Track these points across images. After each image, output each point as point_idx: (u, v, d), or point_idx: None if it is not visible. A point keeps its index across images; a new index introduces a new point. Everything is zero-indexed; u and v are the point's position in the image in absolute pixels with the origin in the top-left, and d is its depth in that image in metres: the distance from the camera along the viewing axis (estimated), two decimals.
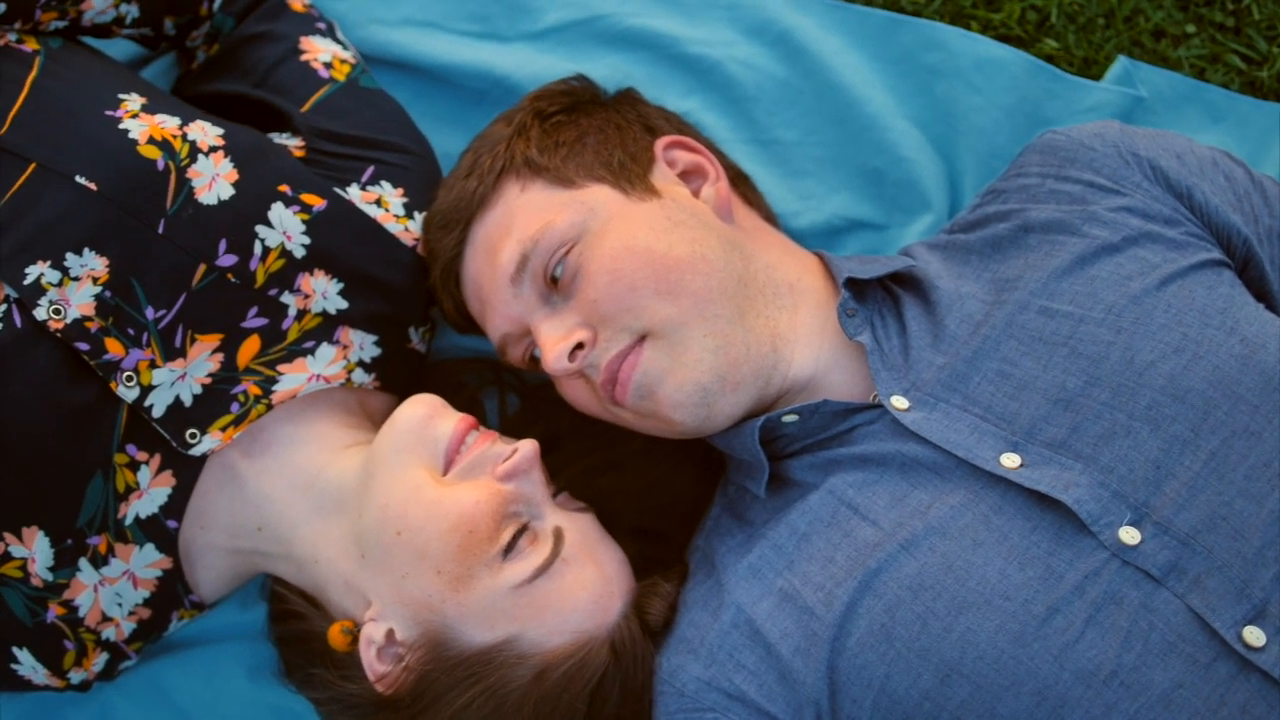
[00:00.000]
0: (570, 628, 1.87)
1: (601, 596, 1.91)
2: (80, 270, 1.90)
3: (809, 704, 1.76)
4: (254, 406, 2.00)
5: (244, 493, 2.02)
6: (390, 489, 1.88)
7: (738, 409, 1.91)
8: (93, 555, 1.95)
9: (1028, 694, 1.62)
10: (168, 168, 1.96)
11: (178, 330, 1.97)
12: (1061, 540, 1.70)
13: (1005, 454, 1.78)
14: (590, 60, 2.51)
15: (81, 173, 1.93)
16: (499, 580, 1.85)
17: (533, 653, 1.86)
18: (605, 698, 1.89)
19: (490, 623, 1.86)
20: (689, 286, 1.88)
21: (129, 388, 1.93)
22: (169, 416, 1.96)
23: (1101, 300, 1.86)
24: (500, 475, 1.89)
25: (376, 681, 1.89)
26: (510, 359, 2.09)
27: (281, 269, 2.03)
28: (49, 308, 1.88)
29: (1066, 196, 2.00)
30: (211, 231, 1.98)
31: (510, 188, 2.03)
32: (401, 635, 1.88)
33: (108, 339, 1.91)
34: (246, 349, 2.02)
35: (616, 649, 1.90)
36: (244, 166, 2.03)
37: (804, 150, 2.50)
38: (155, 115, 2.03)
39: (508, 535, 1.86)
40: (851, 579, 1.76)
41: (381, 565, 1.88)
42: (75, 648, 2.00)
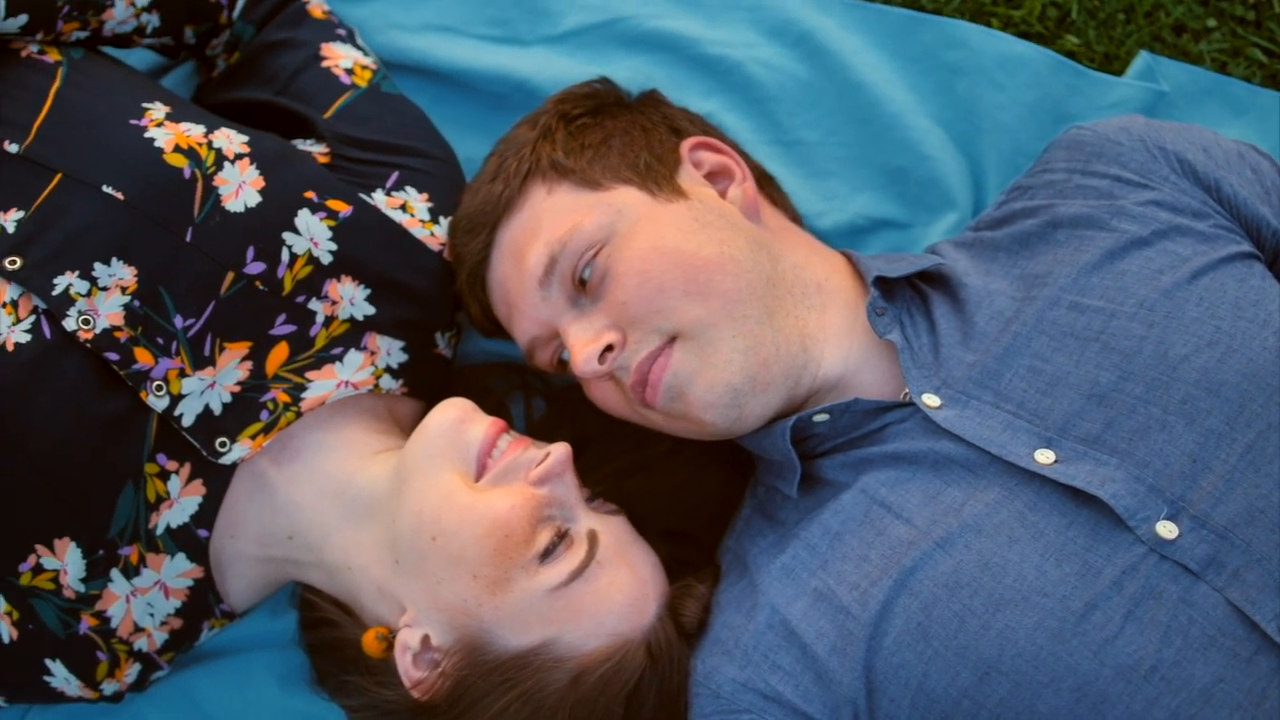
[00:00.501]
0: (606, 631, 1.87)
1: (637, 599, 1.91)
2: (109, 280, 1.90)
3: (846, 704, 1.76)
4: (283, 414, 2.00)
5: (274, 501, 2.01)
6: (423, 495, 1.87)
7: (768, 409, 1.91)
8: (124, 566, 1.94)
9: (1067, 690, 1.61)
10: (194, 176, 1.96)
11: (207, 339, 1.97)
12: (1098, 536, 1.69)
13: (1039, 450, 1.77)
14: (611, 63, 2.50)
15: (108, 182, 1.93)
16: (535, 584, 1.85)
17: (569, 656, 1.85)
18: (642, 701, 1.89)
19: (526, 626, 1.85)
20: (718, 287, 1.88)
21: (159, 397, 1.92)
22: (199, 425, 1.96)
23: (1133, 294, 1.85)
24: (534, 480, 1.89)
25: (412, 688, 1.88)
26: (538, 363, 2.09)
27: (309, 275, 2.03)
28: (78, 318, 1.88)
29: (1094, 191, 1.99)
30: (239, 239, 1.98)
31: (536, 190, 2.03)
32: (437, 641, 1.88)
33: (137, 348, 1.91)
34: (275, 356, 2.02)
35: (653, 651, 1.89)
36: (270, 173, 2.03)
37: (826, 150, 2.50)
38: (180, 123, 2.03)
39: (544, 539, 1.86)
40: (887, 577, 1.76)
41: (416, 571, 1.88)
42: (108, 659, 1.99)
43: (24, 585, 1.92)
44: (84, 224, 1.91)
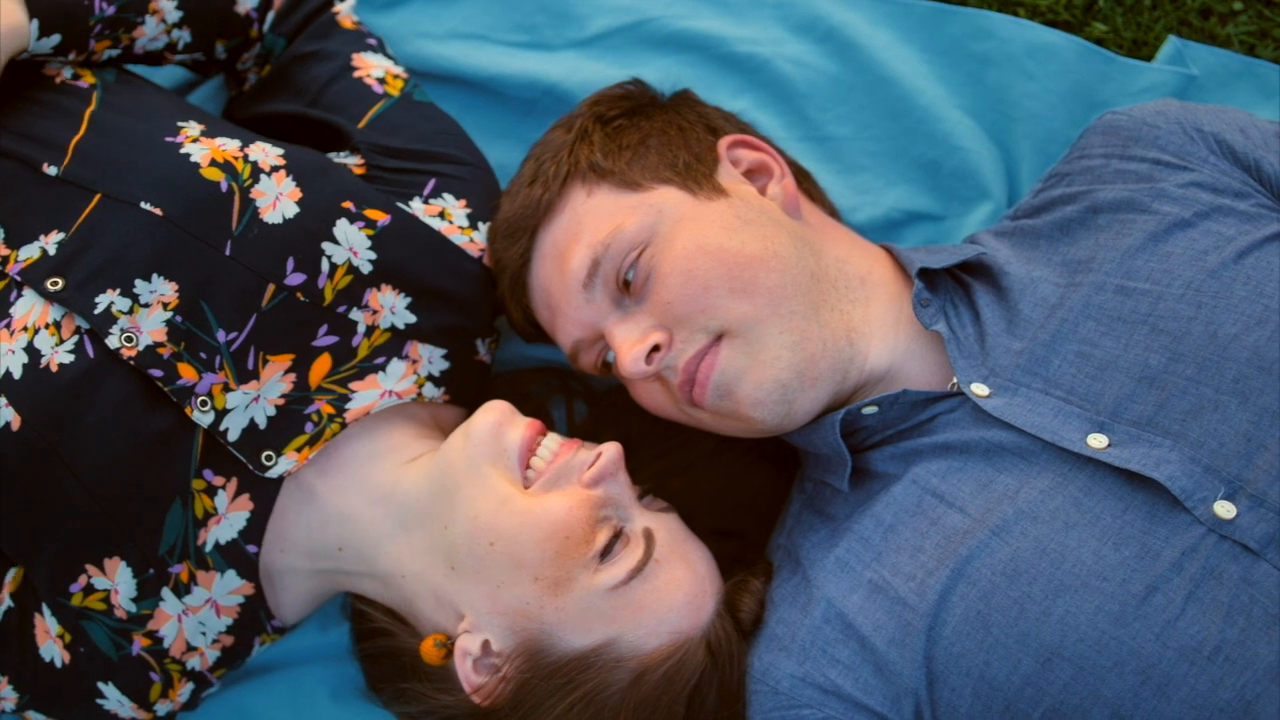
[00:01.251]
0: (667, 629, 1.87)
1: (695, 596, 1.91)
2: (150, 296, 1.91)
3: (907, 695, 1.76)
4: (328, 425, 2.00)
5: (323, 512, 2.01)
6: (477, 502, 1.87)
7: (816, 404, 1.91)
8: (175, 584, 1.95)
9: (1131, 673, 1.61)
10: (231, 189, 1.97)
11: (250, 352, 1.97)
12: (1155, 518, 1.69)
13: (1092, 434, 1.77)
14: (639, 64, 2.51)
15: (146, 199, 1.93)
16: (596, 583, 1.85)
17: (630, 656, 1.86)
18: (703, 699, 1.89)
19: (587, 627, 1.85)
20: (763, 284, 1.88)
21: (204, 412, 1.93)
22: (244, 439, 1.96)
23: (1179, 276, 1.85)
24: (588, 481, 1.89)
25: (473, 693, 1.88)
26: (582, 365, 2.09)
27: (349, 285, 2.03)
28: (121, 335, 1.88)
29: (1133, 175, 1.99)
30: (278, 250, 1.98)
31: (576, 193, 2.03)
32: (498, 646, 1.88)
33: (180, 364, 1.92)
34: (318, 368, 2.02)
35: (713, 648, 1.90)
36: (306, 184, 2.03)
37: (858, 145, 2.50)
38: (215, 139, 2.04)
39: (603, 538, 1.86)
40: (943, 567, 1.76)
41: (474, 576, 1.87)
42: (161, 679, 1.99)
43: (75, 606, 1.93)
44: (123, 241, 1.92)
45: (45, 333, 1.89)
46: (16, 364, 1.88)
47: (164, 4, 2.17)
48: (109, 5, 2.08)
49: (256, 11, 2.34)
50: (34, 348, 1.89)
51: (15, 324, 1.91)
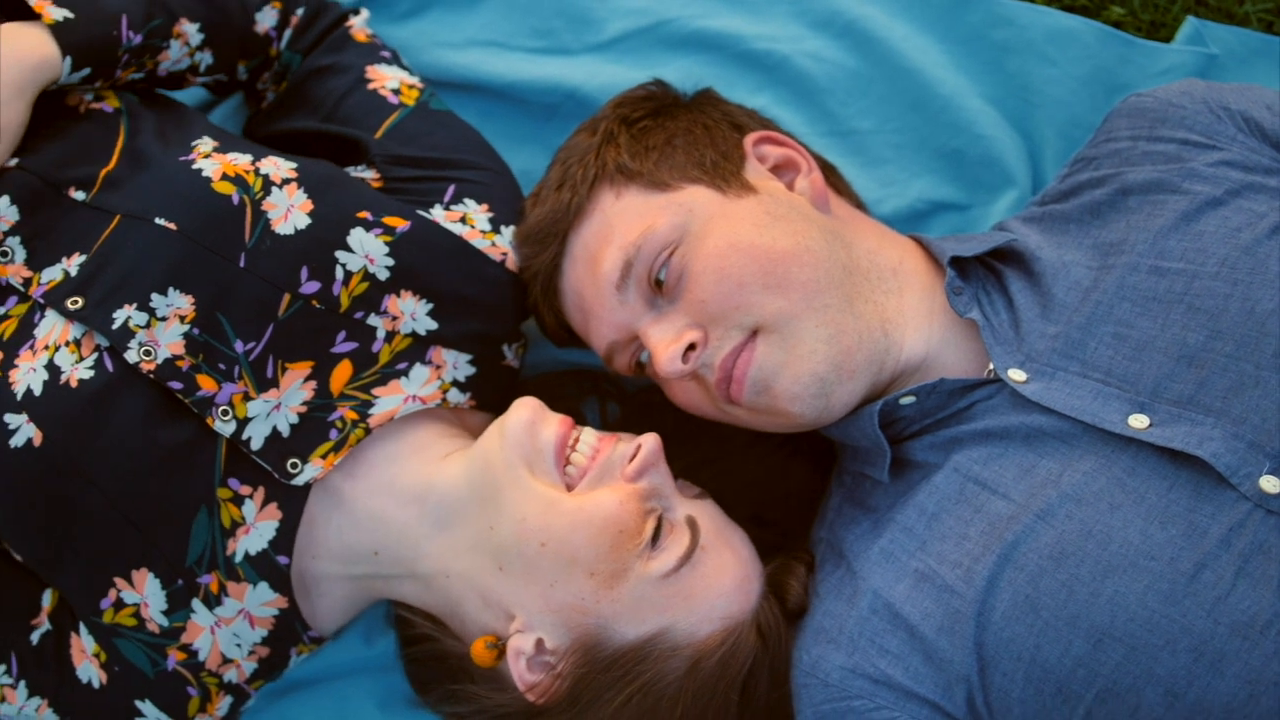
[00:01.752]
0: (718, 614, 1.88)
1: (743, 580, 1.92)
2: (166, 310, 1.92)
3: (958, 682, 1.76)
4: (352, 431, 2.00)
5: (354, 517, 2.01)
6: (523, 504, 1.87)
7: (854, 396, 1.92)
8: (205, 595, 1.95)
9: (1184, 651, 1.61)
10: (243, 202, 1.98)
11: (268, 361, 1.98)
12: (1201, 495, 1.69)
13: (1133, 415, 1.77)
14: (658, 66, 2.51)
15: (160, 215, 1.96)
16: (649, 570, 1.85)
17: (685, 643, 1.86)
18: (756, 684, 1.90)
19: (642, 617, 1.86)
20: (796, 278, 1.89)
21: (225, 422, 1.94)
22: (268, 448, 1.97)
23: (1213, 254, 1.85)
24: (631, 475, 1.90)
25: (527, 691, 1.89)
26: (617, 367, 2.09)
27: (366, 291, 2.04)
28: (139, 349, 1.90)
29: (1162, 156, 1.99)
30: (292, 260, 1.99)
31: (605, 195, 2.03)
32: (552, 643, 1.88)
33: (200, 375, 1.93)
34: (339, 375, 2.02)
35: (763, 631, 1.91)
36: (318, 196, 2.05)
37: (881, 138, 2.51)
38: (227, 154, 2.06)
39: (651, 527, 1.87)
40: (990, 553, 1.76)
41: (525, 576, 1.88)
42: (199, 694, 1.99)
43: (107, 624, 1.94)
44: (139, 257, 1.94)
45: (65, 350, 1.91)
46: (37, 381, 1.89)
47: (187, 27, 2.19)
48: (136, 34, 2.10)
49: (275, 30, 2.36)
50: (54, 365, 1.90)
51: (38, 344, 1.93)
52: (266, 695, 2.27)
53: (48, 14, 2.02)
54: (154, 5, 2.14)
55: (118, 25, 2.08)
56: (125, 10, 2.10)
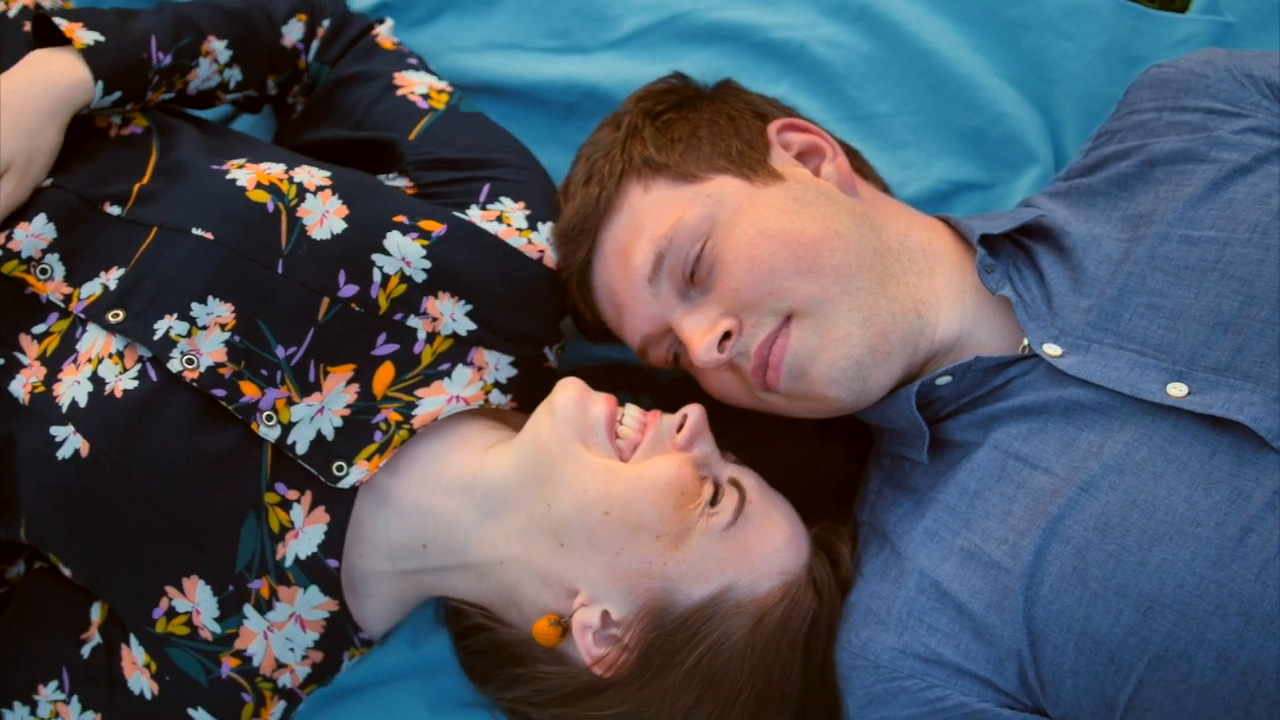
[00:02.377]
0: (776, 569, 1.91)
1: (793, 535, 1.96)
2: (207, 318, 1.94)
3: (1010, 657, 1.76)
4: (396, 433, 2.01)
5: (401, 512, 2.02)
6: (581, 476, 1.89)
7: (890, 378, 1.93)
8: (256, 601, 1.96)
9: (1234, 615, 1.61)
10: (278, 209, 2.00)
11: (310, 365, 2.00)
12: (1243, 460, 1.69)
13: (1171, 384, 1.77)
14: (675, 59, 2.51)
15: (197, 225, 1.97)
16: (710, 526, 1.88)
17: (748, 600, 1.89)
18: (816, 639, 1.93)
19: (706, 575, 1.88)
20: (828, 263, 1.89)
21: (270, 427, 1.95)
22: (313, 452, 1.98)
23: (1244, 221, 1.85)
24: (683, 444, 1.92)
25: (594, 665, 1.90)
26: (652, 360, 2.11)
27: (404, 294, 2.05)
28: (182, 359, 1.92)
29: (1187, 126, 2.00)
30: (329, 264, 2.01)
31: (633, 189, 2.05)
32: (619, 614, 1.89)
33: (243, 382, 1.95)
34: (381, 377, 2.04)
35: (818, 586, 1.94)
36: (353, 202, 2.06)
37: (900, 120, 2.52)
38: (261, 164, 2.08)
39: (709, 490, 1.89)
40: (1035, 528, 1.76)
41: (588, 548, 1.89)
42: (253, 699, 2.01)
43: (159, 634, 1.95)
44: (178, 268, 1.95)
45: (109, 362, 1.93)
46: (82, 393, 1.91)
47: (215, 45, 2.21)
48: (165, 55, 2.12)
49: (302, 43, 2.37)
50: (98, 377, 1.92)
51: (81, 358, 1.95)
52: (316, 702, 2.28)
53: (79, 38, 2.04)
54: (182, 24, 2.16)
55: (147, 47, 2.10)
56: (154, 31, 2.12)
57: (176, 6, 2.20)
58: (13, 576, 2.16)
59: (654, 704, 1.89)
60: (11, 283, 2.00)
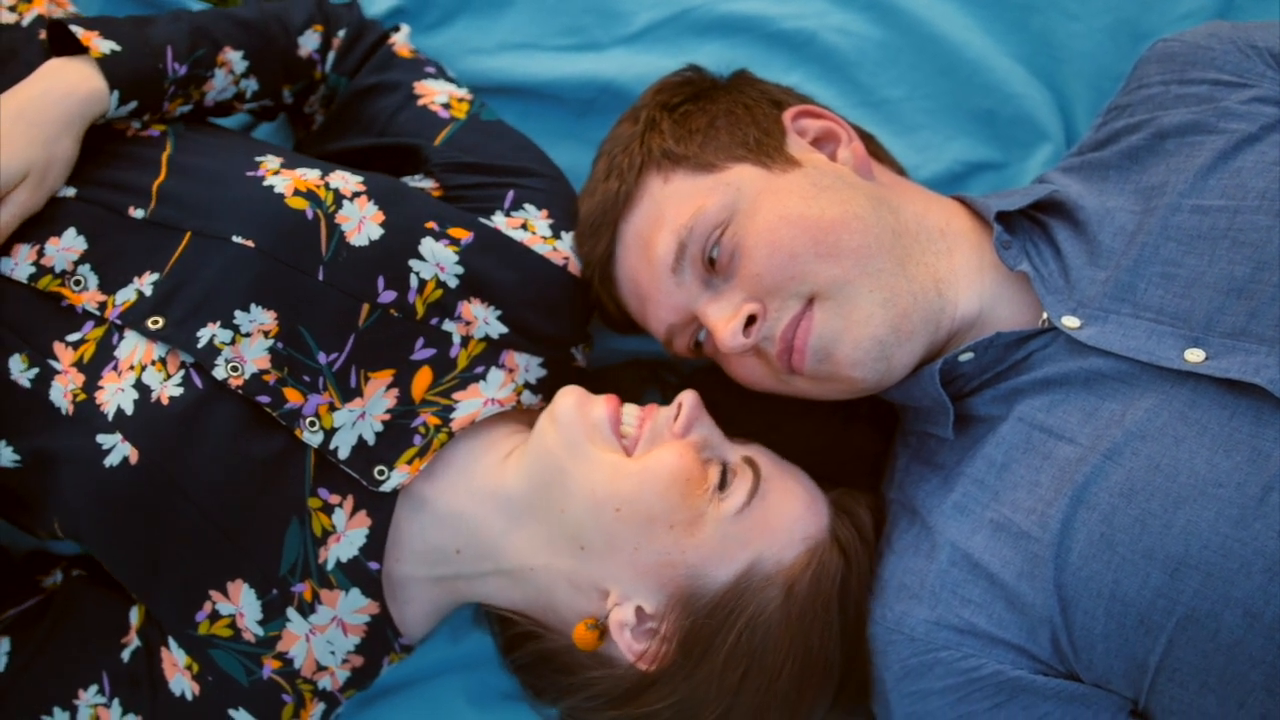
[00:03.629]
0: (798, 538, 1.94)
1: (811, 502, 1.99)
2: (250, 326, 1.96)
3: (1042, 624, 1.79)
4: (435, 436, 2.04)
5: (435, 515, 2.04)
6: (589, 476, 1.91)
7: (913, 357, 1.96)
8: (299, 604, 1.99)
9: (1259, 572, 1.64)
10: (317, 216, 2.02)
11: (351, 371, 2.02)
12: (1262, 421, 1.72)
13: (1188, 350, 1.80)
14: (689, 53, 2.54)
15: (237, 232, 1.99)
16: (723, 510, 1.90)
17: (775, 571, 1.91)
18: (849, 595, 1.96)
19: (729, 555, 1.90)
20: (847, 245, 1.92)
21: (313, 433, 1.98)
22: (355, 457, 2.00)
23: (1253, 188, 1.88)
24: (680, 431, 1.95)
25: (637, 660, 1.92)
26: (677, 350, 2.14)
27: (440, 299, 2.07)
28: (226, 366, 1.94)
29: (1194, 98, 2.03)
30: (369, 271, 2.03)
31: (653, 181, 2.07)
32: (651, 607, 1.92)
33: (286, 389, 1.97)
34: (420, 381, 2.06)
35: (843, 546, 1.97)
36: (388, 206, 2.08)
37: (913, 104, 2.55)
38: (296, 169, 2.10)
39: (715, 473, 1.92)
40: (1061, 497, 1.79)
41: (608, 548, 1.91)
42: (293, 700, 2.03)
43: (201, 635, 1.98)
44: (220, 275, 1.97)
45: (152, 369, 1.95)
46: (128, 401, 1.93)
47: (231, 55, 2.23)
48: (181, 65, 2.14)
49: (318, 53, 2.39)
50: (143, 384, 1.94)
51: (122, 365, 1.96)
52: (357, 701, 2.32)
53: (95, 47, 2.06)
54: (198, 35, 2.18)
55: (163, 57, 2.12)
56: (170, 41, 2.13)
57: (193, 16, 2.22)
58: (48, 585, 2.19)
59: (703, 689, 1.91)
60: (48, 297, 2.02)
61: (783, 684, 1.91)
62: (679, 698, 1.92)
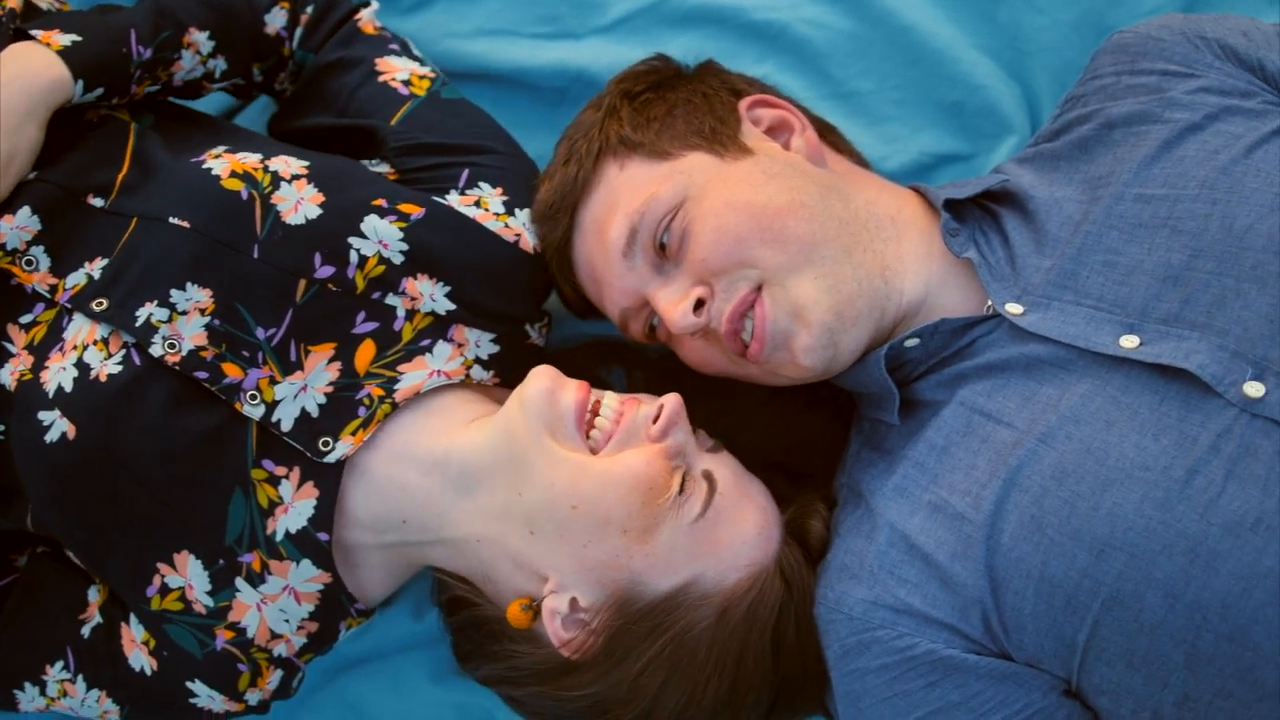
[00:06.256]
0: (743, 561, 1.93)
1: (764, 525, 1.98)
2: (186, 304, 1.99)
3: (973, 604, 1.82)
4: (379, 407, 2.05)
5: (377, 486, 2.05)
6: (550, 470, 1.91)
7: (859, 343, 1.98)
8: (248, 574, 2.01)
9: (1180, 554, 1.66)
10: (252, 197, 2.05)
11: (291, 345, 2.04)
12: (1190, 406, 1.74)
13: (1124, 336, 1.83)
14: (662, 43, 2.55)
15: (174, 214, 2.03)
16: (679, 520, 1.90)
17: (714, 591, 1.91)
18: (785, 631, 1.95)
19: (673, 568, 1.91)
20: (793, 232, 1.95)
21: (254, 406, 2.00)
22: (298, 429, 2.02)
23: (1193, 177, 1.90)
24: (656, 436, 1.94)
25: (562, 648, 1.94)
26: (632, 334, 2.16)
27: (382, 274, 2.09)
28: (164, 343, 1.97)
29: (1143, 88, 2.05)
30: (304, 247, 2.05)
31: (610, 168, 2.10)
32: (586, 602, 1.93)
33: (225, 364, 2.00)
34: (363, 355, 2.08)
35: (787, 576, 1.96)
36: (329, 189, 2.10)
37: (882, 96, 2.56)
38: (238, 153, 2.12)
39: (678, 480, 1.91)
40: (996, 479, 1.82)
41: (557, 539, 1.91)
42: (249, 669, 2.05)
43: (155, 611, 2.01)
44: (157, 256, 2.01)
45: (94, 349, 1.98)
46: (68, 379, 1.96)
47: (197, 36, 2.25)
48: (145, 49, 2.16)
49: (285, 30, 2.41)
50: (83, 363, 1.97)
51: (67, 346, 2.00)
52: (322, 673, 2.36)
53: (55, 41, 2.08)
54: (162, 17, 2.20)
55: (127, 42, 2.14)
56: (133, 25, 2.15)
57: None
58: (21, 565, 2.23)
59: (622, 688, 1.93)
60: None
61: (708, 701, 1.92)
62: (596, 690, 1.94)
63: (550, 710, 2.03)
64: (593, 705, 1.96)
